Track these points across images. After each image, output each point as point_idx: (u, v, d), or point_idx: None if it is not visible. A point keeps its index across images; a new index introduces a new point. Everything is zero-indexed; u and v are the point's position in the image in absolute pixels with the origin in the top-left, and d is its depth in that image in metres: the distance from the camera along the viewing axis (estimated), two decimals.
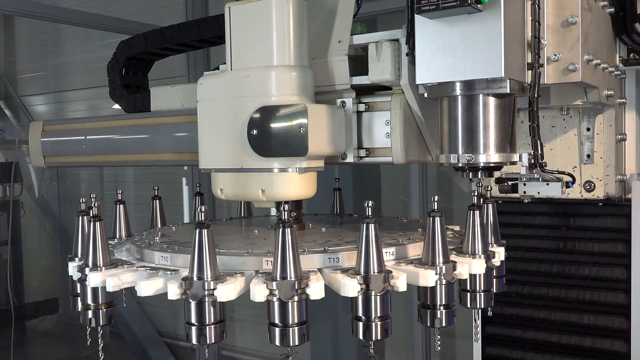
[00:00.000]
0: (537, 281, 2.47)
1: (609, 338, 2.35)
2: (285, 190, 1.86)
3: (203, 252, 1.49)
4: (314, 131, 1.80)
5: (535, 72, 1.75)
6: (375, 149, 1.99)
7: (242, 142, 1.84)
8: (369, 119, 2.00)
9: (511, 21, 1.66)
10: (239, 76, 1.89)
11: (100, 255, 1.70)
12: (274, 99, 1.82)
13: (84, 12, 5.67)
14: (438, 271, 1.59)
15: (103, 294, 1.71)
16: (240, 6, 1.90)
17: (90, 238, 1.70)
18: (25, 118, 8.78)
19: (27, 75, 9.11)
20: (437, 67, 1.71)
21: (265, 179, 1.87)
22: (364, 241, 1.50)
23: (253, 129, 1.82)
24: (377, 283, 1.50)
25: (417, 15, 1.70)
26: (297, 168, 1.84)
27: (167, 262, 1.73)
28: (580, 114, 2.33)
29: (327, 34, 2.00)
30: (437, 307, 1.63)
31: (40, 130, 2.79)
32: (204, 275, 1.49)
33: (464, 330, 4.37)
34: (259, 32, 1.87)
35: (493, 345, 2.58)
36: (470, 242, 1.75)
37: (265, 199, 1.89)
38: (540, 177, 1.80)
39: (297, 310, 1.49)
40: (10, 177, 7.19)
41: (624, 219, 2.29)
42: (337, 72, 1.98)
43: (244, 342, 6.88)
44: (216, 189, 1.97)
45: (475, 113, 1.71)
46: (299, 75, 1.85)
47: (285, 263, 1.48)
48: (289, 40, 1.85)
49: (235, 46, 1.92)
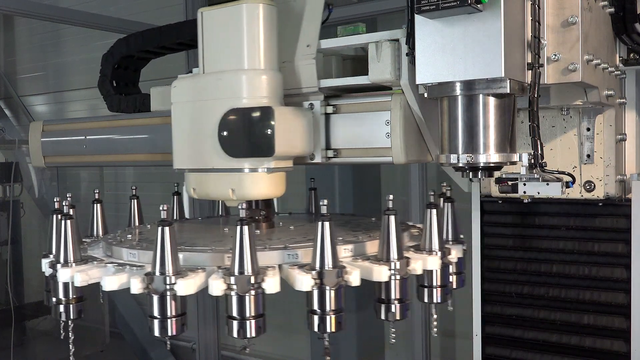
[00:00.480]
0: (537, 281, 2.47)
1: (609, 338, 2.35)
2: (254, 189, 1.94)
3: (164, 249, 1.57)
4: (280, 133, 1.87)
5: (535, 72, 1.75)
6: (372, 149, 2.00)
7: (213, 143, 1.92)
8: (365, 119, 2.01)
9: (511, 21, 1.66)
10: (210, 79, 1.96)
11: (70, 251, 1.79)
12: (244, 101, 1.89)
13: (84, 12, 5.68)
14: (392, 267, 1.68)
15: (73, 289, 1.82)
16: (212, 11, 1.97)
17: (61, 235, 1.79)
18: (25, 118, 8.78)
19: (27, 75, 9.11)
20: (437, 67, 1.71)
21: (235, 179, 1.94)
22: (319, 238, 1.59)
23: (223, 131, 1.89)
24: (331, 278, 1.58)
25: (417, 15, 1.70)
26: (265, 168, 1.92)
27: (135, 259, 1.81)
28: (580, 114, 2.33)
29: (296, 38, 2.06)
30: (391, 301, 1.71)
31: (40, 130, 2.79)
32: (165, 270, 1.57)
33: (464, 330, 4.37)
34: (230, 37, 1.94)
35: (493, 345, 2.58)
36: (427, 240, 1.84)
37: (235, 198, 1.95)
38: (540, 177, 1.80)
39: (254, 303, 1.57)
40: (10, 177, 7.19)
41: (624, 219, 2.29)
42: (305, 76, 2.04)
43: (244, 342, 6.87)
44: (189, 189, 2.05)
45: (475, 113, 1.71)
46: (268, 79, 1.93)
47: (243, 259, 1.56)
48: (259, 44, 1.93)
49: (207, 50, 1.99)
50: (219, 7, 1.95)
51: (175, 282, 1.56)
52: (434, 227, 1.84)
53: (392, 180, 5.43)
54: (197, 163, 1.99)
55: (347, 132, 2.05)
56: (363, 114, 2.01)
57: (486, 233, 2.56)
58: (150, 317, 1.60)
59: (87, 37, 7.65)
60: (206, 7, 1.98)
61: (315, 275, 1.59)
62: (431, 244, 1.84)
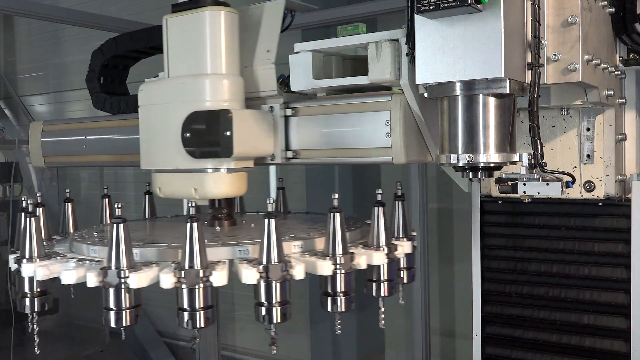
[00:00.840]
0: (537, 281, 2.47)
1: (609, 338, 2.35)
2: (215, 188, 2.05)
3: (119, 244, 1.66)
4: (239, 134, 1.96)
5: (535, 72, 1.75)
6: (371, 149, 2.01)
7: (177, 144, 2.02)
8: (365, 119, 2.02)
9: (511, 21, 1.66)
10: (175, 83, 2.06)
11: (35, 247, 1.88)
12: (207, 104, 1.99)
13: (84, 12, 5.67)
14: (337, 261, 1.75)
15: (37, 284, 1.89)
16: (176, 18, 2.07)
17: (26, 232, 1.88)
18: (25, 118, 8.77)
19: (27, 75, 9.10)
20: (437, 67, 1.71)
21: (197, 179, 2.05)
22: (266, 234, 1.68)
23: (185, 132, 2.00)
24: (276, 272, 1.67)
25: (417, 15, 1.70)
26: (225, 168, 2.02)
27: (96, 255, 1.90)
28: (580, 114, 2.33)
29: (257, 43, 2.16)
30: (336, 294, 1.78)
31: (40, 130, 2.79)
32: (119, 264, 1.65)
33: (464, 330, 4.37)
34: (193, 42, 2.04)
35: (493, 345, 2.58)
36: (374, 236, 1.92)
37: (198, 197, 2.06)
38: (540, 177, 1.80)
39: (202, 296, 1.66)
40: (10, 177, 7.19)
41: (624, 219, 2.29)
42: (265, 80, 2.14)
43: (244, 342, 6.88)
44: (155, 188, 2.16)
45: (475, 113, 1.71)
46: (229, 83, 2.02)
47: (193, 254, 1.65)
48: (221, 50, 2.02)
49: (172, 55, 2.09)
50: (182, 14, 2.05)
51: (128, 275, 1.65)
52: (380, 225, 1.91)
53: (392, 180, 5.43)
54: (163, 163, 2.10)
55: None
56: (363, 114, 2.01)
57: (486, 233, 2.56)
58: (105, 308, 1.68)
59: (87, 37, 7.64)
60: (170, 14, 2.08)
61: (262, 269, 1.67)
62: (378, 241, 1.92)
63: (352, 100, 2.05)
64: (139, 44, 2.53)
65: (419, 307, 4.58)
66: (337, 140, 2.08)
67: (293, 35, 5.13)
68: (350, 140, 2.04)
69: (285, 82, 2.26)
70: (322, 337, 5.78)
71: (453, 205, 5.21)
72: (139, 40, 2.52)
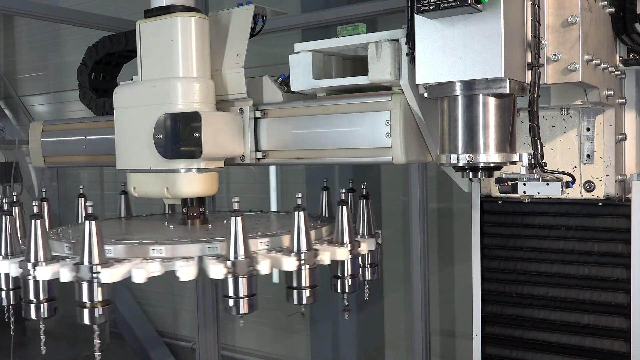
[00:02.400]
0: (537, 281, 2.47)
1: (609, 338, 2.35)
2: (186, 188, 2.13)
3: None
4: (208, 136, 2.05)
5: (535, 72, 1.75)
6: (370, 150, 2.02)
7: (150, 145, 2.10)
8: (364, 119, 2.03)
9: (511, 21, 1.66)
10: (147, 86, 2.15)
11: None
12: (178, 107, 2.07)
13: (84, 12, 5.67)
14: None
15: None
16: (148, 23, 2.16)
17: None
18: (25, 118, 8.77)
19: (27, 75, 9.10)
20: (437, 67, 1.71)
21: (169, 179, 2.13)
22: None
23: (158, 134, 2.08)
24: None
25: (417, 15, 1.70)
26: (196, 168, 2.11)
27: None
28: (580, 114, 2.33)
29: (226, 48, 2.24)
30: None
31: (40, 130, 2.80)
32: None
33: (464, 330, 4.37)
34: (165, 47, 2.11)
35: (493, 345, 2.58)
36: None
37: (170, 196, 2.15)
38: (540, 177, 1.80)
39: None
40: (10, 177, 7.18)
41: (624, 219, 2.29)
42: (235, 83, 2.22)
43: (244, 342, 6.88)
44: (130, 188, 2.24)
45: (475, 113, 1.71)
46: (200, 86, 2.11)
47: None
48: (192, 54, 2.11)
49: (145, 59, 2.18)
50: (155, 20, 2.14)
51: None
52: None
53: (392, 180, 5.43)
54: (137, 164, 2.18)
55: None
56: (362, 114, 2.01)
57: (486, 233, 2.56)
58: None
59: (87, 37, 7.63)
60: (143, 19, 2.17)
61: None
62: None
63: (352, 101, 2.05)
64: (118, 47, 2.58)
65: (419, 307, 4.57)
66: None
67: (293, 35, 5.14)
68: (350, 140, 2.04)
69: (285, 82, 2.27)
70: (322, 337, 5.78)
71: (453, 205, 5.21)
72: (118, 43, 2.57)
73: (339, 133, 2.07)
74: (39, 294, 1.78)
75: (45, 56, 8.74)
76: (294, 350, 6.52)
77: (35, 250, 1.78)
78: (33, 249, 1.77)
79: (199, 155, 2.04)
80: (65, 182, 8.23)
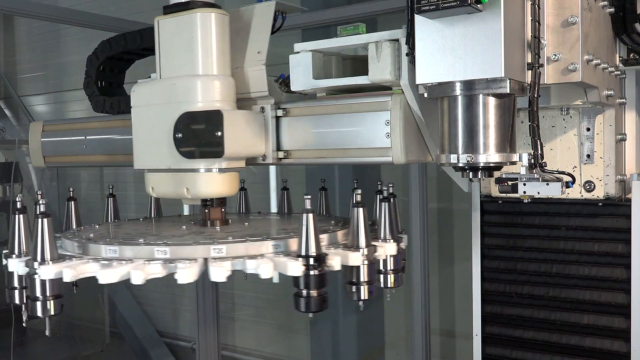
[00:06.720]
0: (537, 281, 2.47)
1: (609, 338, 2.35)
2: (207, 188, 2.08)
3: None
4: (230, 135, 1.99)
5: (535, 72, 1.75)
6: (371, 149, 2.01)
7: (170, 144, 2.04)
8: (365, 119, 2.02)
9: (511, 21, 1.66)
10: (166, 84, 2.09)
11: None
12: (198, 105, 2.02)
13: (84, 12, 5.67)
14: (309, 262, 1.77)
15: None
16: (168, 20, 2.09)
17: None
18: (25, 118, 8.77)
19: (27, 75, 9.10)
20: (437, 67, 1.71)
21: (190, 179, 2.07)
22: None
23: (177, 133, 2.02)
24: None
25: (417, 15, 1.70)
26: (217, 168, 2.05)
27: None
28: (580, 114, 2.33)
29: (248, 45, 2.18)
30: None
31: (40, 130, 2.80)
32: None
33: (464, 330, 4.37)
34: (184, 44, 2.06)
35: (493, 345, 2.58)
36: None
37: (190, 197, 2.10)
38: (540, 177, 1.80)
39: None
40: (10, 177, 7.18)
41: (624, 219, 2.29)
42: (256, 81, 2.16)
43: (244, 342, 6.88)
44: (148, 188, 2.18)
45: (475, 113, 1.71)
46: (221, 84, 2.05)
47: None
48: (212, 51, 2.05)
49: (163, 56, 2.12)
50: (173, 16, 2.07)
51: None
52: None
53: (392, 180, 5.43)
54: (155, 163, 2.12)
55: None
56: (362, 114, 2.01)
57: (486, 233, 2.56)
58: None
59: (87, 37, 7.63)
60: (162, 15, 2.10)
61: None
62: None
63: (352, 100, 2.05)
64: (133, 45, 2.54)
65: (419, 307, 4.57)
66: (332, 140, 2.08)
67: (293, 35, 5.14)
68: (350, 140, 2.04)
69: (285, 82, 2.27)
70: (322, 337, 5.78)
71: (453, 205, 5.21)
72: (133, 42, 2.54)
73: (340, 133, 2.06)
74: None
75: (45, 56, 8.74)
76: (294, 350, 6.52)
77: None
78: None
79: (221, 155, 1.99)
80: (65, 182, 8.22)
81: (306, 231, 1.77)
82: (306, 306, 1.80)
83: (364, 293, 1.93)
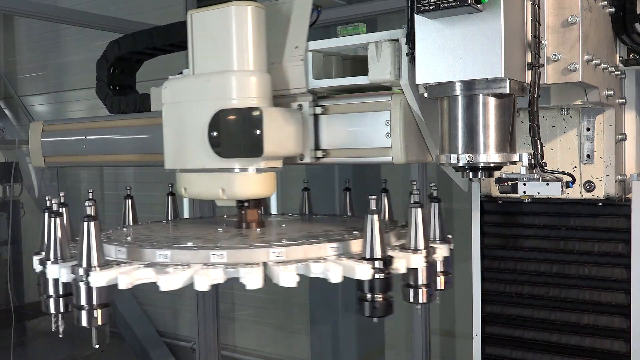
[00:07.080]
0: (537, 281, 2.47)
1: (609, 338, 2.35)
2: (243, 189, 1.97)
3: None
4: (269, 133, 1.89)
5: (535, 72, 1.75)
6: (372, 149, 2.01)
7: (204, 143, 1.94)
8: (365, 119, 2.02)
9: (511, 21, 1.66)
10: (200, 80, 1.98)
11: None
12: (233, 102, 1.91)
13: (84, 12, 5.67)
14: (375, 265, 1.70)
15: None
16: (201, 13, 2.00)
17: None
18: (25, 118, 8.78)
19: (27, 75, 9.11)
20: (437, 67, 1.71)
21: (225, 179, 1.96)
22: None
23: (213, 131, 1.92)
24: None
25: (417, 15, 1.70)
26: (254, 168, 1.95)
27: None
28: (580, 114, 2.33)
29: (285, 39, 2.08)
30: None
31: (40, 130, 2.79)
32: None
33: (464, 330, 4.36)
34: (219, 39, 1.96)
35: (493, 345, 2.58)
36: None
37: (226, 198, 1.99)
38: (540, 177, 1.80)
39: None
40: (10, 177, 7.19)
41: (624, 219, 2.29)
42: (294, 77, 2.07)
43: (244, 342, 6.88)
44: (180, 188, 2.07)
45: (475, 113, 1.71)
46: (257, 80, 1.94)
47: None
48: (248, 46, 1.95)
49: (197, 52, 2.02)
50: (208, 9, 1.97)
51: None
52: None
53: (392, 180, 5.43)
54: (188, 163, 2.02)
55: (336, 132, 2.06)
56: (362, 114, 2.01)
57: (486, 233, 2.56)
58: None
59: (87, 37, 7.64)
60: (195, 9, 2.01)
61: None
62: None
63: (352, 100, 2.04)
64: (142, 45, 2.51)
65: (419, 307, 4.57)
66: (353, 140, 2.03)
67: None
68: (352, 140, 2.04)
69: None
70: (322, 337, 5.78)
71: (453, 205, 5.21)
72: (142, 42, 2.51)
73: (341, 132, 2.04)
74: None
75: (45, 56, 8.74)
76: (294, 350, 6.52)
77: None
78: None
79: (260, 154, 1.89)
80: (65, 182, 8.23)
81: (371, 233, 1.70)
82: (372, 311, 1.73)
83: (422, 296, 1.88)
